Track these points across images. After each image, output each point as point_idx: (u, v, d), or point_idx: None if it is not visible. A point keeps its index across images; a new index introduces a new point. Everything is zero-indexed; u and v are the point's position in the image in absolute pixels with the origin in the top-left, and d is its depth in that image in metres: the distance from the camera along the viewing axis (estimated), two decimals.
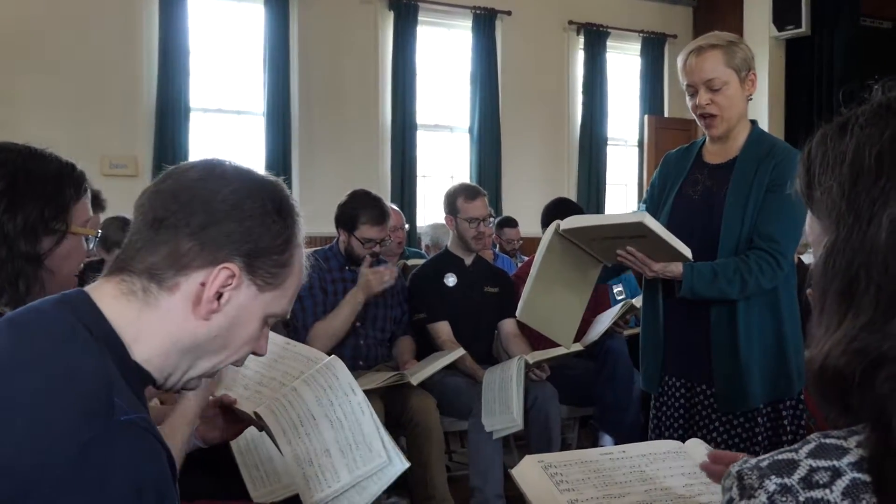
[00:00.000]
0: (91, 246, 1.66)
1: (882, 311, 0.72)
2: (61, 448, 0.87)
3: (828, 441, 0.75)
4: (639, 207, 2.61)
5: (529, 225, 6.53)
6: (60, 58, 6.28)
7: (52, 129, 6.20)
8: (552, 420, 3.39)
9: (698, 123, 2.39)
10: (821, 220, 0.81)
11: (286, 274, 1.13)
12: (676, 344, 2.45)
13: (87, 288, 1.07)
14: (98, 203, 2.55)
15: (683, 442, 2.41)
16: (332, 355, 1.72)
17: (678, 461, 1.33)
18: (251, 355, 1.19)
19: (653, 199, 2.54)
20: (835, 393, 0.74)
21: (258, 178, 1.13)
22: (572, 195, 8.22)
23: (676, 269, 2.26)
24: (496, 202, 7.69)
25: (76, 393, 0.92)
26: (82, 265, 1.68)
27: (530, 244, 6.45)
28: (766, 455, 0.78)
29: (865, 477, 0.71)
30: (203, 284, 1.06)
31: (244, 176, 1.12)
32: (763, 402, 2.32)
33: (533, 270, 2.38)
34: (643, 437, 2.62)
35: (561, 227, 2.31)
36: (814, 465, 0.73)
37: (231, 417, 1.70)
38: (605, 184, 8.38)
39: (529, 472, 1.25)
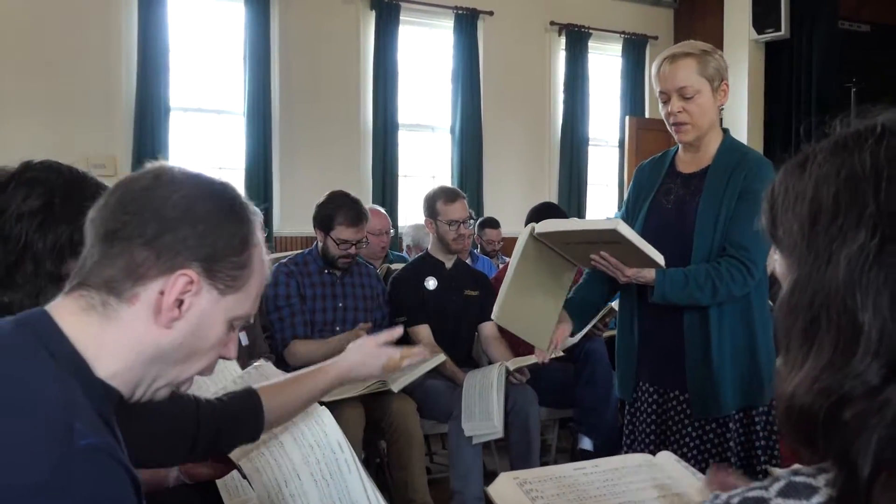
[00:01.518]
0: None
1: (841, 351, 0.73)
2: (20, 475, 0.86)
3: (797, 479, 0.76)
4: (616, 214, 2.63)
5: (511, 225, 6.55)
6: (39, 57, 6.22)
7: (32, 128, 6.17)
8: (532, 423, 3.41)
9: (669, 130, 2.42)
10: (784, 258, 0.82)
11: (247, 275, 1.12)
12: (650, 350, 2.47)
13: (47, 306, 1.06)
14: None
15: (656, 449, 2.44)
16: (323, 406, 1.70)
17: (649, 473, 1.35)
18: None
19: (627, 210, 2.56)
20: (802, 432, 0.75)
21: (208, 180, 1.13)
22: (553, 195, 8.25)
23: (649, 274, 2.29)
24: (477, 202, 7.70)
25: (35, 419, 0.91)
26: None
27: (512, 244, 6.42)
28: (738, 491, 0.78)
29: None
30: (162, 293, 1.05)
31: (193, 180, 1.11)
32: (735, 408, 2.34)
33: (508, 273, 2.41)
34: (621, 439, 2.65)
35: (536, 231, 2.34)
36: None
37: (218, 457, 1.69)
38: (586, 184, 8.41)
39: (505, 489, 1.26)
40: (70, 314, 1.04)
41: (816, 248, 0.76)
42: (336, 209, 3.48)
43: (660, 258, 2.26)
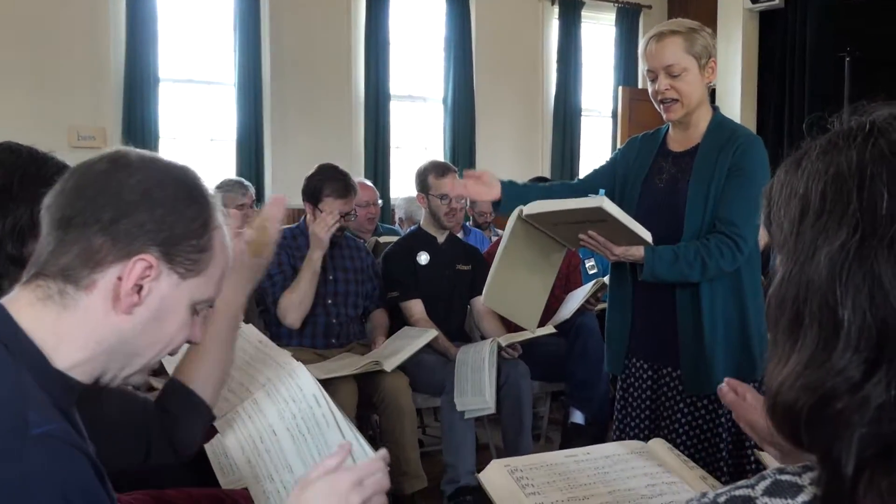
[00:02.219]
0: None
1: (822, 348, 0.73)
2: None
3: (783, 478, 0.77)
4: (599, 192, 2.62)
5: None
6: (25, 28, 6.13)
7: (18, 100, 6.10)
8: (524, 398, 3.42)
9: (657, 108, 2.41)
10: (777, 253, 0.83)
11: (207, 258, 1.11)
12: (643, 326, 2.48)
13: (3, 299, 1.05)
14: None
15: (650, 424, 2.46)
16: (298, 362, 1.69)
17: (640, 461, 1.35)
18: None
19: (615, 178, 2.55)
20: (787, 428, 0.76)
21: (165, 164, 1.11)
22: (546, 166, 8.23)
23: (637, 252, 2.29)
24: None
25: None
26: None
27: (504, 216, 6.45)
28: (724, 489, 0.79)
29: None
30: (120, 279, 1.03)
31: (151, 164, 1.09)
32: None
33: (497, 255, 2.41)
34: (612, 412, 2.67)
35: (524, 213, 2.34)
36: (769, 503, 0.75)
37: None
38: (578, 155, 8.38)
39: (496, 476, 1.26)
40: (27, 305, 1.03)
41: (802, 244, 0.77)
42: (324, 181, 3.46)
43: (647, 235, 2.26)
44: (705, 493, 0.79)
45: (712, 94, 2.45)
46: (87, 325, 1.04)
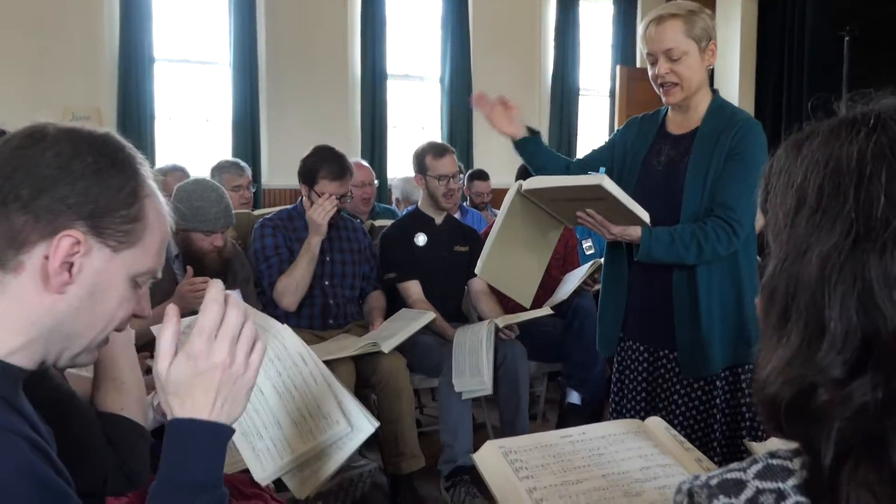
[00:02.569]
0: None
1: (808, 344, 0.73)
2: None
3: (774, 462, 0.78)
4: (598, 170, 2.62)
5: (501, 176, 6.53)
6: (19, 8, 6.09)
7: (13, 81, 6.07)
8: (521, 378, 3.43)
9: (657, 91, 2.40)
10: (770, 239, 0.82)
11: (140, 228, 1.06)
12: (639, 308, 2.49)
13: None
14: None
15: (646, 405, 2.47)
16: (283, 325, 1.69)
17: (637, 442, 1.36)
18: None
19: (613, 158, 2.55)
20: (772, 418, 0.77)
21: (84, 134, 1.05)
22: None
23: (635, 232, 2.29)
24: (467, 153, 7.66)
25: None
26: None
27: (501, 196, 6.39)
28: (717, 472, 0.80)
29: (807, 501, 0.74)
30: (47, 258, 0.99)
31: (69, 135, 1.04)
32: (723, 367, 2.37)
33: (494, 229, 2.42)
34: (608, 392, 2.67)
35: (523, 188, 2.35)
36: (760, 486, 0.76)
37: None
38: (576, 134, 8.36)
39: (490, 458, 1.26)
40: None
41: (796, 239, 0.76)
42: (319, 163, 3.45)
43: (645, 215, 2.26)
44: (697, 476, 0.80)
45: (711, 74, 2.44)
46: (19, 308, 1.00)
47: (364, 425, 1.79)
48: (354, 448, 1.78)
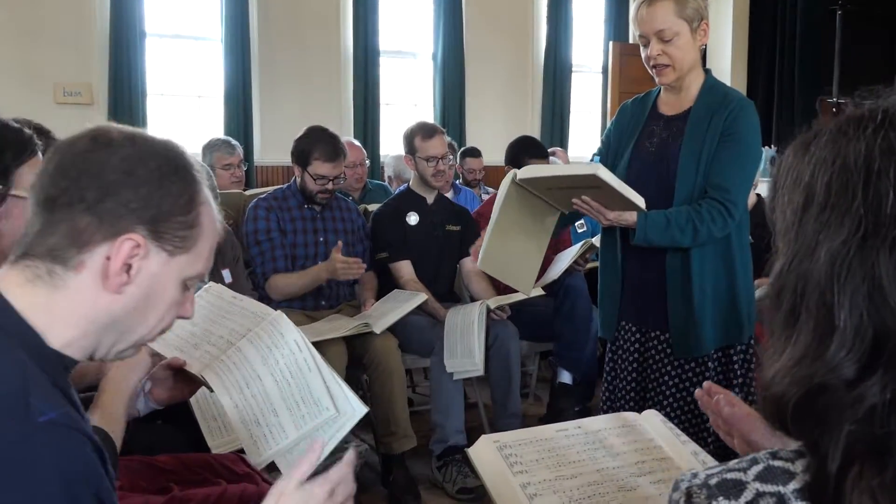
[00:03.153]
0: None
1: (817, 343, 0.73)
2: None
3: (775, 463, 0.77)
4: (592, 159, 2.63)
5: (493, 153, 6.50)
6: None
7: (3, 57, 6.02)
8: (512, 358, 3.46)
9: (650, 73, 2.40)
10: (778, 238, 0.81)
11: (196, 235, 1.10)
12: (633, 290, 2.50)
13: None
14: None
15: (637, 386, 2.49)
16: (278, 311, 1.71)
17: (632, 436, 1.37)
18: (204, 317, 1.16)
19: (609, 150, 2.55)
20: (778, 418, 0.76)
21: (148, 140, 1.09)
22: (536, 123, 8.20)
23: (630, 217, 2.30)
24: (460, 130, 7.64)
25: None
26: None
27: (494, 173, 6.43)
28: (715, 470, 0.79)
29: None
30: (108, 259, 1.03)
31: (133, 140, 1.07)
32: (714, 347, 2.39)
33: (491, 220, 2.42)
34: (600, 371, 2.69)
35: (518, 177, 2.35)
36: (760, 489, 0.75)
37: (182, 378, 1.70)
38: (569, 111, 8.33)
39: (484, 452, 1.28)
40: (17, 286, 1.03)
41: (804, 236, 0.76)
42: (313, 144, 3.44)
43: (640, 201, 2.27)
44: (696, 474, 0.79)
45: (704, 52, 2.43)
46: (78, 304, 1.04)
47: (349, 410, 1.81)
48: (344, 433, 1.80)
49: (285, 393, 1.64)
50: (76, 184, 1.03)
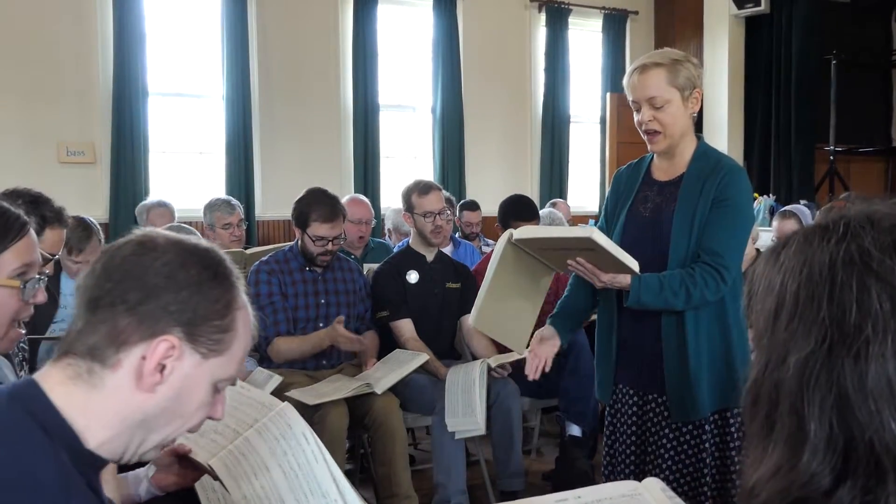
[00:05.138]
0: (40, 286, 1.59)
1: (791, 453, 0.74)
2: None
3: None
4: (592, 223, 2.66)
5: (493, 205, 6.51)
6: (12, 42, 6.12)
7: (5, 116, 6.10)
8: (514, 416, 3.46)
9: (643, 138, 2.44)
10: (753, 344, 0.83)
11: (230, 339, 1.13)
12: (629, 354, 2.51)
13: (35, 376, 1.08)
14: (61, 220, 2.50)
15: (637, 450, 2.48)
16: (286, 402, 1.72)
17: None
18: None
19: (607, 216, 2.59)
20: None
21: (191, 245, 1.14)
22: (535, 173, 8.27)
23: (624, 280, 2.32)
24: (460, 182, 7.71)
25: (33, 501, 0.93)
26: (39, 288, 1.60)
27: (492, 224, 6.48)
28: None
29: None
30: (144, 358, 1.06)
31: (176, 246, 1.12)
32: (711, 410, 2.39)
33: (486, 279, 2.44)
34: (603, 426, 2.69)
35: (514, 238, 2.38)
36: None
37: (187, 464, 1.70)
38: (567, 162, 8.40)
39: None
40: (58, 384, 1.06)
41: (775, 345, 0.77)
42: (311, 206, 3.48)
43: (634, 264, 2.29)
44: None
45: (701, 112, 2.47)
46: (113, 403, 1.07)
47: None
48: None
49: (293, 484, 1.64)
50: (120, 286, 1.07)
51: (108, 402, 1.07)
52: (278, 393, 3.04)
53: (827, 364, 0.73)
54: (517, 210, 4.07)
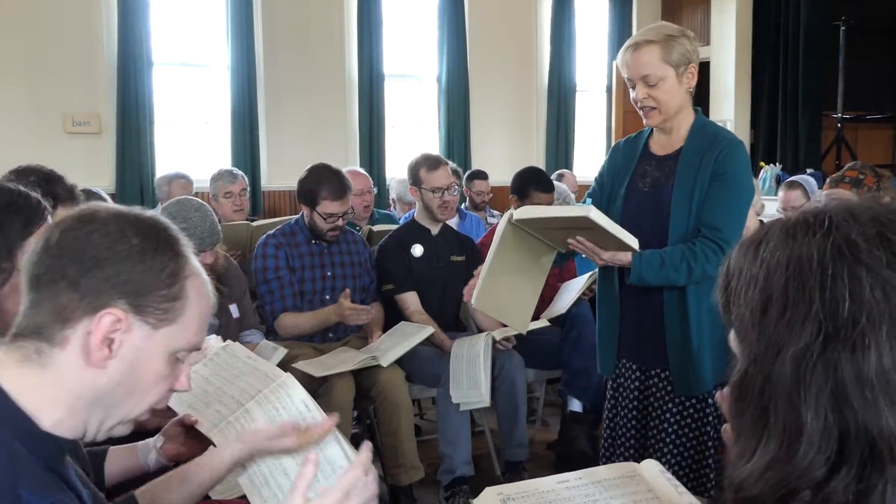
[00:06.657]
0: None
1: (787, 445, 0.75)
2: None
3: None
4: (584, 200, 2.67)
5: (499, 174, 6.58)
6: (17, 13, 6.11)
7: (11, 87, 6.10)
8: (518, 388, 3.49)
9: (640, 113, 2.45)
10: (737, 340, 0.83)
11: (180, 307, 1.11)
12: (631, 328, 2.53)
13: None
14: (74, 198, 2.51)
15: (638, 424, 2.51)
16: (287, 373, 1.74)
17: (631, 487, 1.40)
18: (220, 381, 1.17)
19: (602, 189, 2.59)
20: None
21: (133, 216, 1.12)
22: (541, 143, 8.24)
23: (625, 257, 2.34)
24: (465, 151, 7.69)
25: None
26: None
27: (500, 194, 6.49)
28: None
29: None
30: (89, 333, 1.05)
31: (117, 217, 1.10)
32: (714, 384, 2.41)
33: (487, 259, 2.46)
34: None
35: (514, 218, 2.39)
36: None
37: (194, 435, 1.72)
38: (573, 131, 8.37)
39: None
40: (8, 367, 1.06)
41: (766, 340, 0.78)
42: (319, 184, 3.47)
43: (634, 242, 2.31)
44: None
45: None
46: (64, 381, 1.06)
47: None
48: None
49: (295, 453, 1.65)
50: (58, 261, 1.06)
51: (60, 380, 1.06)
52: (285, 365, 3.07)
53: (823, 356, 0.74)
54: (535, 181, 4.04)
